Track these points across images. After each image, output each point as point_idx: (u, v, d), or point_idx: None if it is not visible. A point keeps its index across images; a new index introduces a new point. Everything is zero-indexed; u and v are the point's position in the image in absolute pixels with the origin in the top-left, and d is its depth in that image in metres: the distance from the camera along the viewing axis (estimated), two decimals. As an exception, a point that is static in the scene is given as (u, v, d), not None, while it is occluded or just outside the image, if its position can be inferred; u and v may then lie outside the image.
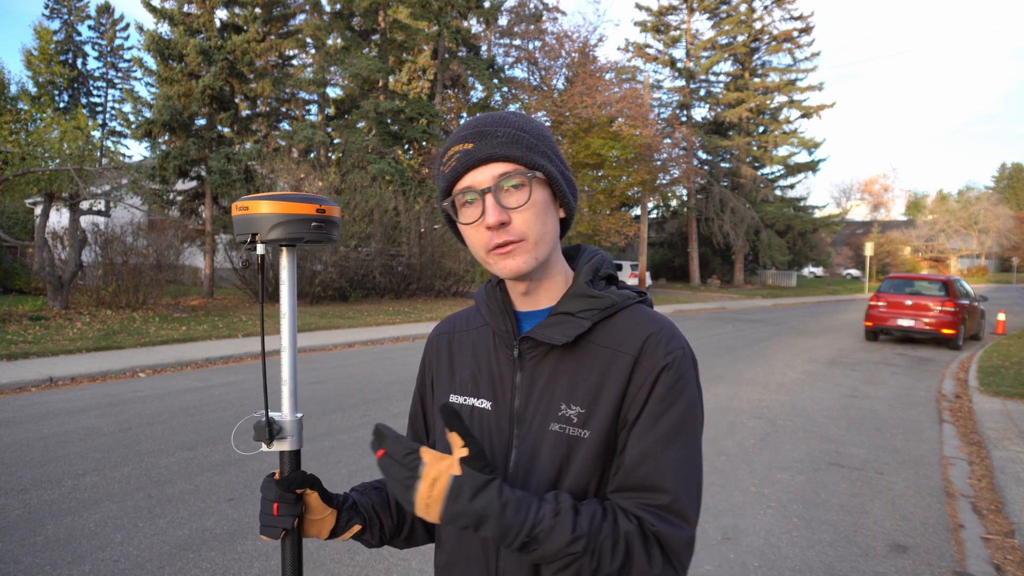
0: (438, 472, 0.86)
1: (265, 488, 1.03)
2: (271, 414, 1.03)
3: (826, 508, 4.28)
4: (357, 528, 1.09)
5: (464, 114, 29.65)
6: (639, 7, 38.06)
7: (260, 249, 1.02)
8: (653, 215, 41.38)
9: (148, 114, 18.58)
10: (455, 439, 0.88)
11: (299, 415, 1.06)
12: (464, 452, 0.87)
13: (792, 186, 39.71)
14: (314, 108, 27.20)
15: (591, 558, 0.85)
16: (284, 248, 1.03)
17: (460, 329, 1.14)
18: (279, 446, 1.03)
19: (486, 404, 1.03)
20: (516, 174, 0.93)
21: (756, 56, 38.28)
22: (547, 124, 27.04)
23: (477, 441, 0.89)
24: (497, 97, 27.12)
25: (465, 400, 1.06)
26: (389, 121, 22.35)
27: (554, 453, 0.95)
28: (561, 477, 0.94)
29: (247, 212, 0.99)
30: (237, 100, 20.03)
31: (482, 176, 0.93)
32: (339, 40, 23.75)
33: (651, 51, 38.17)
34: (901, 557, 3.60)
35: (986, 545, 3.80)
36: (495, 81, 24.69)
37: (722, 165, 38.02)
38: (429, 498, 0.85)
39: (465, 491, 0.84)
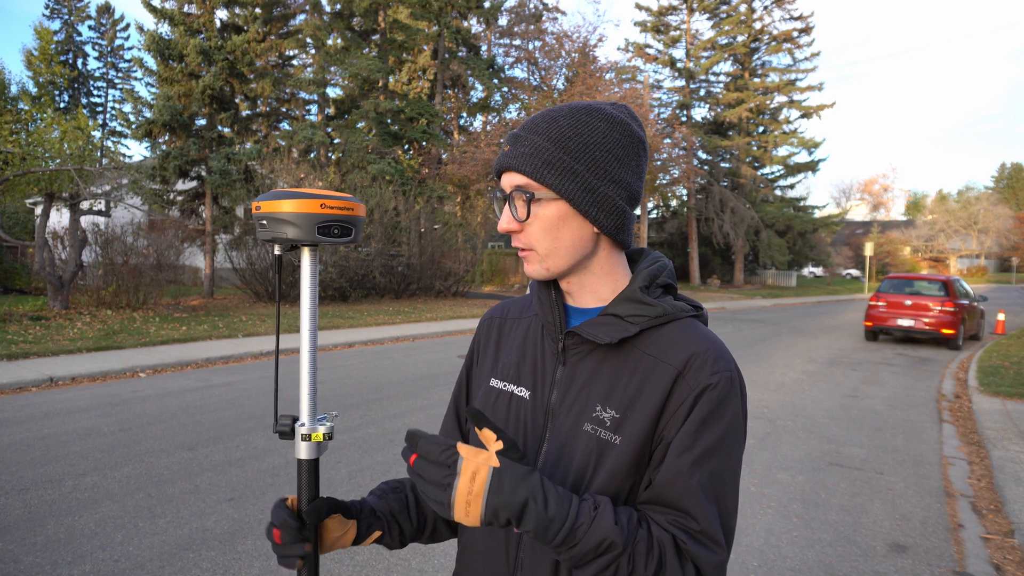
0: (476, 465, 0.82)
1: (275, 513, 0.98)
2: (290, 418, 1.01)
3: (826, 508, 4.28)
4: (378, 534, 1.07)
5: (464, 114, 29.67)
6: (639, 7, 38.05)
7: (276, 249, 0.99)
8: (653, 215, 41.39)
9: (148, 114, 18.59)
10: (488, 434, 0.86)
11: (325, 421, 1.01)
12: (499, 445, 0.85)
13: (792, 186, 39.73)
14: (314, 108, 27.20)
15: (628, 560, 0.84)
16: (306, 248, 0.99)
17: (513, 315, 1.16)
18: (298, 453, 0.99)
19: (525, 393, 1.03)
20: (525, 188, 0.95)
21: (756, 56, 38.28)
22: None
23: (510, 436, 0.89)
24: (497, 97, 27.13)
25: (505, 386, 1.06)
26: (389, 121, 22.36)
27: (584, 454, 0.94)
28: (589, 480, 0.93)
29: (260, 211, 0.97)
30: (237, 100, 20.02)
31: (507, 181, 0.98)
32: (339, 40, 23.77)
33: (651, 51, 38.18)
34: (901, 557, 3.60)
35: (986, 545, 3.81)
36: (495, 81, 24.69)
37: (722, 165, 38.02)
38: (470, 494, 0.81)
39: (507, 482, 0.82)
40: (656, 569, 0.85)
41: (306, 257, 1.00)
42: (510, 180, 0.96)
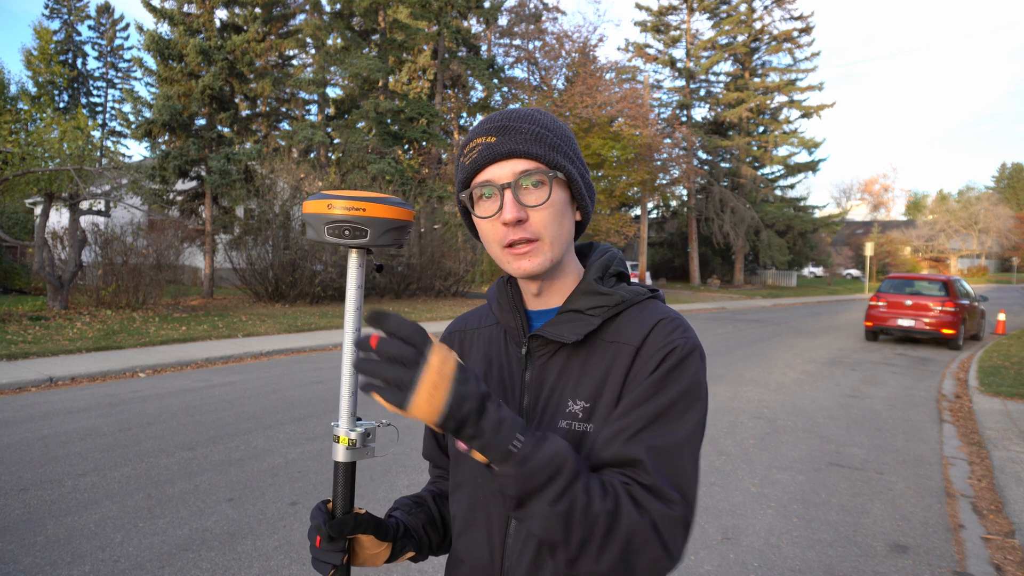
0: (447, 353, 0.79)
1: (313, 515, 0.98)
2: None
3: (826, 508, 4.28)
4: (411, 554, 1.07)
5: (464, 114, 29.66)
6: (639, 7, 38.08)
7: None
8: (653, 215, 41.38)
9: (148, 114, 18.58)
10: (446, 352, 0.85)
11: (365, 426, 0.99)
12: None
13: (792, 186, 39.75)
14: (314, 108, 27.23)
15: (583, 490, 0.80)
16: (353, 250, 0.99)
17: (472, 327, 1.14)
18: (335, 456, 0.99)
19: None
20: (537, 172, 0.92)
21: (756, 56, 38.29)
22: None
23: None
24: (497, 97, 27.12)
25: None
26: (389, 121, 22.35)
27: None
28: None
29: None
30: (237, 100, 20.02)
31: (502, 171, 0.93)
32: (339, 40, 23.76)
33: (651, 51, 38.21)
34: (901, 557, 3.60)
35: (986, 545, 3.80)
36: (495, 81, 24.69)
37: (722, 165, 38.03)
38: (439, 377, 0.76)
39: (471, 377, 0.80)
40: (613, 506, 0.81)
41: (352, 259, 1.00)
42: (513, 167, 0.92)
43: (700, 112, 41.28)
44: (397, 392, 0.76)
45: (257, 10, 19.30)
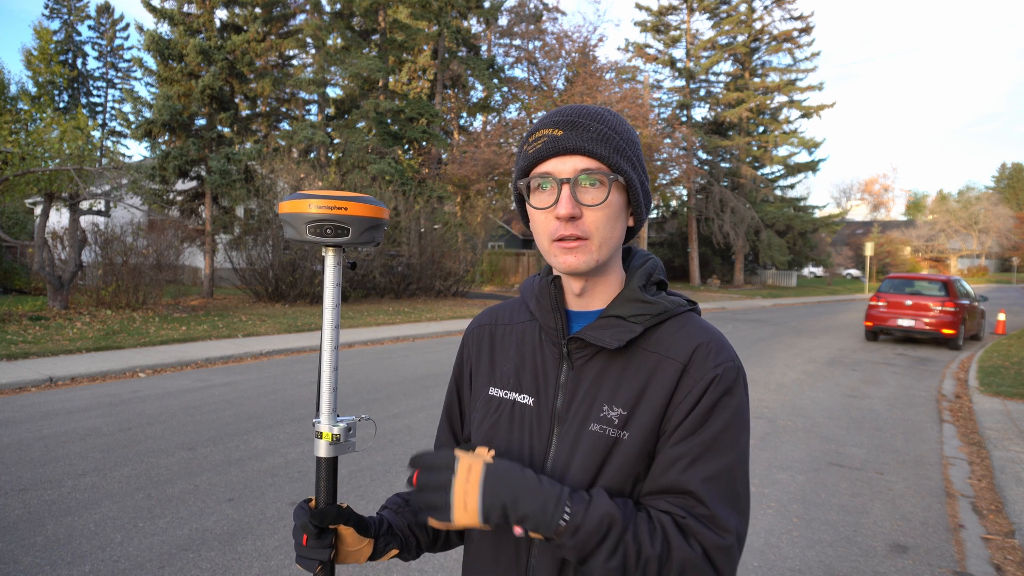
0: (471, 461, 0.88)
1: (297, 514, 1.00)
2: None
3: (826, 508, 4.28)
4: (395, 552, 1.07)
5: (464, 114, 29.65)
6: (639, 7, 38.05)
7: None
8: (653, 215, 41.38)
9: (148, 114, 18.57)
10: (481, 449, 0.92)
11: (346, 421, 1.02)
12: (491, 454, 0.91)
13: (792, 186, 39.72)
14: (314, 108, 27.20)
15: (633, 539, 0.84)
16: (329, 249, 1.00)
17: (503, 322, 1.14)
18: (316, 451, 1.02)
19: (528, 400, 1.02)
20: (597, 172, 0.93)
21: (756, 56, 38.28)
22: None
23: (502, 450, 0.97)
24: (497, 97, 27.13)
25: (506, 394, 1.05)
26: (389, 121, 22.34)
27: (592, 453, 0.94)
28: (598, 477, 0.94)
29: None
30: (237, 100, 20.01)
31: (564, 166, 0.93)
32: (339, 40, 23.76)
33: (651, 51, 38.18)
34: (901, 557, 3.60)
35: (986, 545, 3.80)
36: (495, 81, 24.68)
37: (722, 165, 38.01)
38: (467, 484, 0.86)
39: (501, 472, 0.87)
40: (663, 547, 0.85)
41: (329, 258, 1.00)
42: (575, 164, 0.93)
43: (700, 112, 41.33)
44: (440, 512, 0.87)
45: (257, 10, 19.29)
